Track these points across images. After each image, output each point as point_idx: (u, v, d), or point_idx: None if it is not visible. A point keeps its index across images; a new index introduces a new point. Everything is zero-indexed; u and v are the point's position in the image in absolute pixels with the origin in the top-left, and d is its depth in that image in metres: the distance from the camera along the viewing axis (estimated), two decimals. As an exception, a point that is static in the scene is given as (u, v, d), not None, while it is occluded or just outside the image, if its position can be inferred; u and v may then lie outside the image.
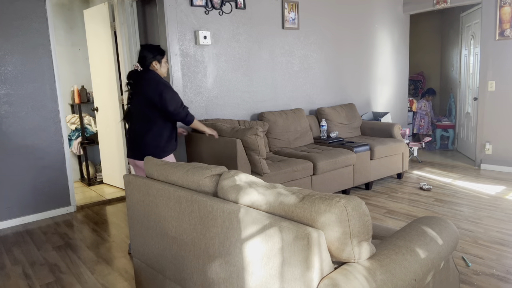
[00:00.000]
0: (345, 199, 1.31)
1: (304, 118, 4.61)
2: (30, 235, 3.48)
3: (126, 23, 4.26)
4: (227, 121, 3.97)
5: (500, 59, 4.94)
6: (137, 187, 2.12)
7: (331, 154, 3.96)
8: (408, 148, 4.68)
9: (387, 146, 4.48)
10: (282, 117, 4.39)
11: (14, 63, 3.66)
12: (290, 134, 4.40)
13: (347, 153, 4.06)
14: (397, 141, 4.65)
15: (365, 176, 4.31)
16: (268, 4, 4.45)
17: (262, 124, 4.19)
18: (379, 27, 5.77)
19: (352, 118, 5.07)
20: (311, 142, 4.64)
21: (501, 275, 2.47)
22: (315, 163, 3.78)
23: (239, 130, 3.40)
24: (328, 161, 3.86)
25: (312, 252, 1.24)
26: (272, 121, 4.29)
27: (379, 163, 4.46)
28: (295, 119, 4.50)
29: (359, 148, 4.21)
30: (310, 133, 4.65)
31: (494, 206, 3.74)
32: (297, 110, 4.61)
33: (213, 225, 1.62)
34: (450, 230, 1.72)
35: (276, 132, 4.30)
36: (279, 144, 4.32)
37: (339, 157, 3.96)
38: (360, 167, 4.23)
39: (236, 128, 3.47)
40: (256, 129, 3.32)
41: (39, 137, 3.84)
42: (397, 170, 4.73)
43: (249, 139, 3.31)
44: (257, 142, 3.32)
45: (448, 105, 6.92)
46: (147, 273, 2.19)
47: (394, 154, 4.60)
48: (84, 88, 5.14)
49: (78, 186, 5.07)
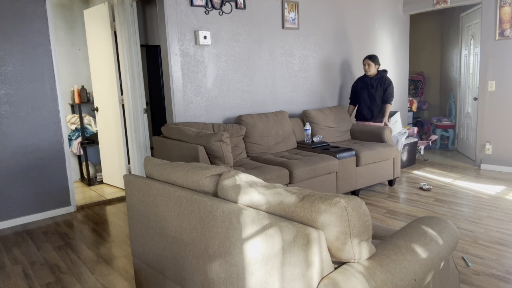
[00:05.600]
0: (345, 199, 1.31)
1: (287, 121, 4.32)
2: (30, 235, 3.48)
3: (126, 23, 4.26)
4: (200, 124, 3.75)
5: (500, 59, 4.94)
6: (137, 187, 2.12)
7: (311, 161, 3.66)
8: (399, 154, 4.51)
9: (376, 152, 4.17)
10: (262, 121, 4.10)
11: (14, 63, 3.67)
12: (270, 138, 4.12)
13: (329, 159, 3.76)
14: (388, 145, 4.34)
15: (350, 184, 4.03)
16: (268, 4, 4.45)
17: (239, 128, 3.89)
18: (379, 27, 5.77)
19: (340, 121, 4.75)
20: (294, 147, 4.35)
21: (501, 275, 2.47)
22: (291, 170, 3.47)
23: (203, 135, 3.14)
24: (307, 168, 3.56)
25: (312, 252, 1.24)
26: (251, 125, 4.00)
27: (367, 170, 4.17)
28: (276, 123, 4.20)
29: (343, 153, 3.91)
30: (293, 137, 4.36)
31: (494, 206, 3.74)
32: (279, 112, 4.34)
33: (213, 225, 1.62)
34: (450, 230, 1.72)
35: (254, 137, 4.01)
36: (257, 149, 4.03)
37: (319, 164, 3.67)
38: (344, 174, 3.94)
39: (201, 133, 3.20)
40: (221, 135, 3.08)
41: (39, 137, 3.84)
42: (388, 177, 4.44)
43: (213, 145, 3.08)
44: (221, 149, 3.09)
45: (448, 105, 6.91)
46: (147, 273, 2.19)
47: (384, 160, 4.31)
48: (84, 88, 5.14)
49: (78, 186, 5.07)
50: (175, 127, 3.51)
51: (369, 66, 4.76)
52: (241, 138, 3.94)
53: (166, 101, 3.91)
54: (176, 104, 3.82)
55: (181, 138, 3.38)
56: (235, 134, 3.86)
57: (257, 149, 4.04)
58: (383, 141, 4.50)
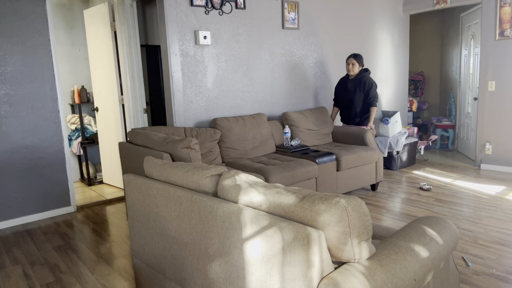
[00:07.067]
0: (345, 199, 1.31)
1: (265, 124, 4.15)
2: (30, 235, 3.48)
3: (126, 23, 4.26)
4: (171, 129, 3.55)
5: (500, 59, 4.94)
6: (137, 187, 2.12)
7: (289, 166, 3.47)
8: (382, 157, 4.34)
9: (357, 155, 4.00)
10: (238, 124, 3.91)
11: (14, 63, 3.67)
12: (247, 142, 3.92)
13: (308, 164, 3.58)
14: (370, 149, 4.17)
15: (331, 190, 3.88)
16: (268, 4, 4.45)
17: (213, 132, 3.71)
18: (379, 27, 5.77)
19: (322, 124, 4.56)
20: (273, 151, 4.16)
21: (501, 275, 2.47)
22: (267, 177, 3.28)
23: (170, 141, 2.91)
24: (284, 174, 3.36)
25: (312, 252, 1.24)
26: (226, 129, 3.82)
27: (348, 175, 4.00)
28: (254, 126, 4.01)
29: (323, 158, 3.75)
30: (271, 141, 4.16)
31: (494, 206, 3.74)
32: (257, 115, 4.15)
33: (213, 225, 1.62)
34: (450, 230, 1.72)
35: (230, 141, 3.82)
36: (233, 154, 3.83)
37: (297, 169, 3.47)
38: (324, 179, 3.77)
39: (168, 139, 2.96)
40: (189, 141, 2.85)
41: (39, 137, 3.85)
42: (370, 181, 4.26)
43: (180, 152, 2.86)
44: (190, 156, 2.87)
45: (448, 105, 6.92)
46: (147, 273, 2.19)
47: (366, 163, 4.14)
48: (84, 88, 5.14)
49: (78, 186, 5.07)
50: (141, 132, 3.26)
51: (353, 65, 4.48)
52: (215, 142, 3.75)
53: (166, 101, 3.91)
54: (176, 104, 3.82)
55: (147, 144, 3.13)
56: (209, 139, 3.66)
57: (233, 154, 3.84)
58: (365, 144, 4.31)
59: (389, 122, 5.20)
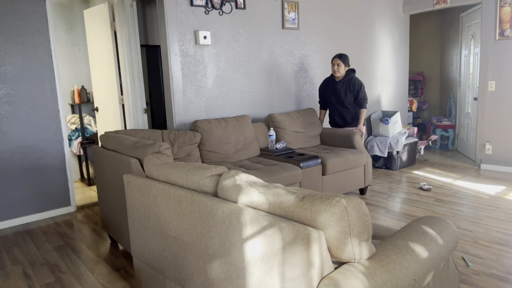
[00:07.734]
0: (345, 199, 1.31)
1: (249, 126, 3.98)
2: (30, 235, 3.48)
3: (126, 23, 4.26)
4: (147, 132, 3.40)
5: (500, 59, 4.94)
6: (137, 187, 2.12)
7: (271, 171, 3.32)
8: (371, 160, 4.20)
9: (344, 159, 3.85)
10: (220, 126, 3.75)
11: (14, 63, 3.66)
12: (229, 146, 3.75)
13: (291, 168, 3.44)
14: (358, 152, 4.03)
15: None
16: (268, 4, 4.45)
17: (192, 135, 3.55)
18: (379, 27, 5.77)
19: (309, 126, 4.39)
20: (257, 155, 3.99)
21: (501, 275, 2.47)
22: None
23: (140, 146, 2.69)
24: (266, 180, 3.17)
25: (312, 252, 1.24)
26: (207, 131, 3.65)
27: (334, 179, 3.85)
28: (237, 128, 3.85)
29: (307, 162, 3.60)
30: (256, 144, 3.99)
31: (494, 206, 3.74)
32: (240, 117, 3.99)
33: (213, 225, 1.62)
34: (450, 230, 1.72)
35: (211, 144, 3.65)
36: (215, 158, 3.67)
37: (280, 174, 3.33)
38: (309, 184, 3.62)
39: (139, 143, 2.75)
40: (160, 146, 2.66)
41: (39, 137, 3.84)
42: (359, 185, 4.11)
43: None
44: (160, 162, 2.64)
45: (448, 105, 6.92)
46: (147, 273, 2.19)
47: (354, 167, 4.00)
48: (84, 88, 5.14)
49: (78, 186, 5.07)
50: (112, 135, 3.06)
51: (338, 66, 4.27)
52: (195, 146, 3.58)
53: (166, 101, 3.91)
54: (176, 104, 3.82)
55: (117, 149, 2.94)
56: (187, 142, 3.51)
57: (214, 158, 3.67)
58: (354, 146, 4.15)
59: (389, 122, 5.20)
